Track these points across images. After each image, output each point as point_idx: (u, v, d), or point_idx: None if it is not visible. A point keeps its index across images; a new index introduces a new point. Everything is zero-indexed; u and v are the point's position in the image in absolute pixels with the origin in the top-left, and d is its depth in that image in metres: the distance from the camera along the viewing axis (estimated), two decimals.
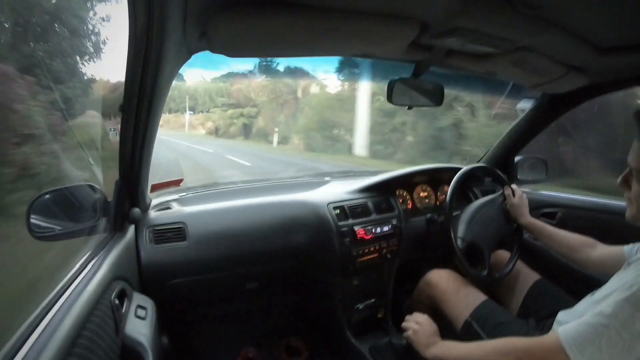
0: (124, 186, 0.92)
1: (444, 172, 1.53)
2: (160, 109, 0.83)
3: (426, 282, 1.23)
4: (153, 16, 0.58)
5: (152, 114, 0.79)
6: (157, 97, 0.76)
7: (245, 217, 1.21)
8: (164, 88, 0.79)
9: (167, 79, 0.78)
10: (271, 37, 0.73)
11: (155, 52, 0.64)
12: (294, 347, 1.42)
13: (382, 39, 0.81)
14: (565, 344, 0.63)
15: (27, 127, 1.03)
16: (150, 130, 0.83)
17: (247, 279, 1.22)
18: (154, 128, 0.85)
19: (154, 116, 0.80)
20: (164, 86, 0.78)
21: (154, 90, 0.73)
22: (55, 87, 1.02)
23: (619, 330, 0.60)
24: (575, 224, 1.38)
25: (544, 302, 1.10)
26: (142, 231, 1.06)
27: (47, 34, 0.92)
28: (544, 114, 1.44)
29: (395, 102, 1.07)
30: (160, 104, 0.81)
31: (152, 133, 0.85)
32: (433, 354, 0.88)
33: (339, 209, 1.26)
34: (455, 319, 1.08)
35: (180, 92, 15.10)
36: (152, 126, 0.82)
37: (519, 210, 1.23)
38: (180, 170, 6.52)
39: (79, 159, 1.14)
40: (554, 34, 0.80)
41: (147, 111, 0.77)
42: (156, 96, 0.75)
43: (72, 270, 0.72)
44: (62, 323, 0.54)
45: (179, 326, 1.31)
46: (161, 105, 0.82)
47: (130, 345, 0.70)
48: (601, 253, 1.01)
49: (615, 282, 0.73)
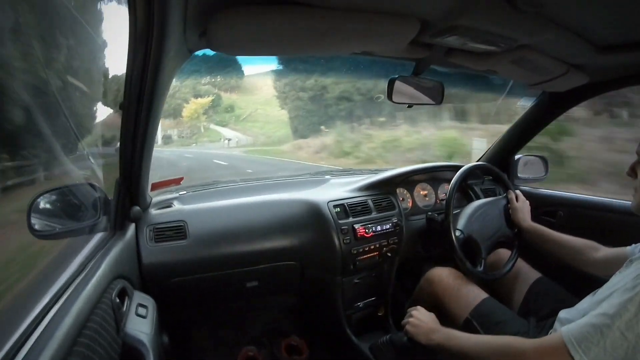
0: (125, 185, 0.92)
1: (444, 171, 1.53)
2: (161, 107, 0.84)
3: (427, 280, 1.23)
4: (153, 16, 0.58)
5: (153, 112, 0.79)
6: (158, 96, 0.76)
7: (246, 216, 1.21)
8: (164, 87, 0.79)
9: (167, 77, 0.78)
10: (271, 36, 0.73)
11: (155, 51, 0.64)
12: (294, 346, 1.42)
13: (382, 37, 0.81)
14: (570, 345, 0.63)
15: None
16: (151, 129, 0.83)
17: (247, 278, 1.22)
18: (154, 127, 0.85)
19: (154, 115, 0.80)
20: (164, 85, 0.78)
21: (154, 89, 0.73)
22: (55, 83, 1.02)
23: (624, 331, 0.60)
24: (576, 222, 1.38)
25: (544, 301, 1.10)
26: (142, 230, 1.06)
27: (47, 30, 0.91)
28: (544, 112, 1.44)
29: (396, 100, 1.07)
30: (161, 102, 0.81)
31: (152, 132, 0.85)
32: (435, 341, 0.88)
33: (339, 207, 1.26)
34: (456, 316, 1.08)
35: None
36: (152, 125, 0.83)
37: (521, 214, 1.24)
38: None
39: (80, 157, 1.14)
40: (555, 33, 0.80)
41: (147, 110, 0.77)
42: (156, 95, 0.75)
43: (72, 269, 0.73)
44: (63, 321, 0.54)
45: (179, 325, 1.31)
46: (161, 104, 0.83)
47: (131, 344, 0.70)
48: (604, 255, 1.01)
49: (617, 280, 0.73)
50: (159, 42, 0.63)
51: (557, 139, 2.82)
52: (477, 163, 1.50)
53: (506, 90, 1.63)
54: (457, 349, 0.82)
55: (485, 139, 3.58)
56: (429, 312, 0.98)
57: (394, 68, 1.09)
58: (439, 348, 0.87)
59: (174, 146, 12.12)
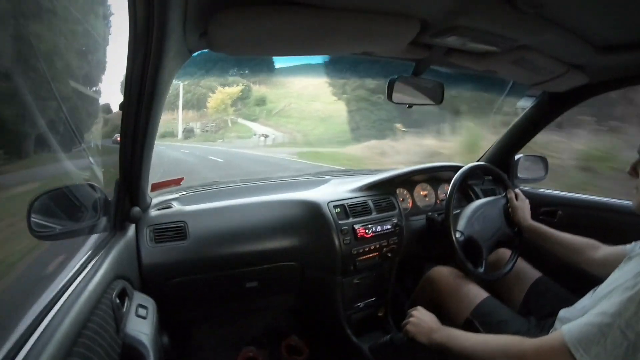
0: (124, 185, 0.92)
1: (444, 171, 1.53)
2: (161, 108, 0.83)
3: (428, 280, 1.23)
4: (153, 16, 0.58)
5: (153, 113, 0.79)
6: (158, 97, 0.76)
7: (246, 216, 1.21)
8: (164, 87, 0.79)
9: (168, 78, 0.78)
10: (271, 36, 0.73)
11: (155, 51, 0.64)
12: (294, 346, 1.42)
13: (382, 37, 0.81)
14: (570, 345, 0.63)
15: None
16: (151, 129, 0.83)
17: (248, 278, 1.22)
18: (154, 127, 0.85)
19: (154, 115, 0.80)
20: (164, 85, 0.78)
21: (154, 89, 0.73)
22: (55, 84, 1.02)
23: (624, 329, 0.60)
24: (576, 222, 1.38)
25: (545, 300, 1.10)
26: (142, 230, 1.06)
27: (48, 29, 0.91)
28: (544, 112, 1.44)
29: (395, 101, 1.07)
30: (161, 103, 0.81)
31: (152, 132, 0.85)
32: (436, 340, 0.88)
33: (339, 207, 1.26)
34: (457, 316, 1.08)
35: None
36: (152, 125, 0.83)
37: (521, 213, 1.24)
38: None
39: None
40: (554, 33, 0.80)
41: (147, 110, 0.77)
42: (156, 95, 0.75)
43: (72, 270, 0.72)
44: (63, 322, 0.54)
45: (179, 325, 1.31)
46: (161, 104, 0.83)
47: (131, 344, 0.70)
48: (604, 254, 1.01)
49: (616, 277, 0.73)
50: (159, 43, 0.63)
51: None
52: (477, 163, 1.50)
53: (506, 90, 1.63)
54: (458, 348, 0.82)
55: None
56: (429, 312, 0.98)
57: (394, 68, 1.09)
58: (440, 347, 0.87)
59: (196, 142, 10.44)
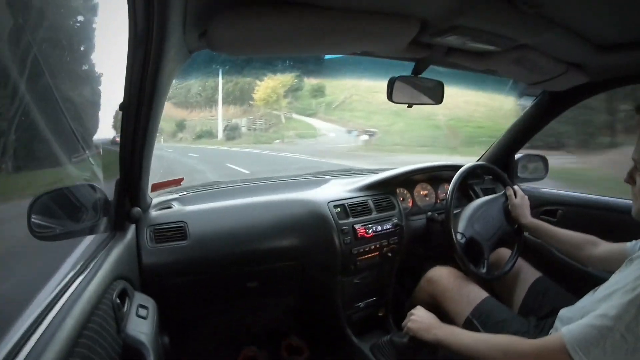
0: (125, 185, 0.92)
1: (444, 171, 1.53)
2: (161, 108, 0.84)
3: (427, 280, 1.23)
4: (153, 16, 0.57)
5: (153, 113, 0.79)
6: (158, 97, 0.76)
7: (246, 216, 1.21)
8: (165, 87, 0.79)
9: (168, 78, 0.78)
10: (271, 36, 0.73)
11: (155, 51, 0.64)
12: (294, 346, 1.42)
13: (382, 37, 0.81)
14: (570, 347, 0.63)
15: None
16: (151, 129, 0.83)
17: (248, 278, 1.22)
18: (155, 127, 0.85)
19: (154, 115, 0.80)
20: (164, 85, 0.78)
21: (154, 89, 0.73)
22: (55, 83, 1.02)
23: (624, 332, 0.60)
24: (577, 221, 1.38)
25: (545, 300, 1.10)
26: (142, 230, 1.06)
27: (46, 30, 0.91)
28: (544, 111, 1.44)
29: (395, 100, 1.07)
30: (161, 103, 0.81)
31: (152, 132, 0.85)
32: (437, 337, 0.88)
33: (339, 207, 1.26)
34: (457, 316, 1.08)
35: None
36: (152, 125, 0.83)
37: (520, 210, 1.23)
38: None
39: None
40: (554, 32, 0.80)
41: (147, 110, 0.77)
42: (156, 95, 0.75)
43: (73, 270, 0.73)
44: (63, 322, 0.54)
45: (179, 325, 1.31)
46: (161, 104, 0.83)
47: (132, 345, 0.70)
48: (604, 250, 1.01)
49: (617, 279, 0.72)
50: (159, 43, 0.63)
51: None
52: (477, 163, 1.50)
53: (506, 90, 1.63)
54: (458, 345, 0.82)
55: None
56: (429, 312, 0.98)
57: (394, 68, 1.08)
58: (440, 344, 0.87)
59: (243, 143, 7.96)
